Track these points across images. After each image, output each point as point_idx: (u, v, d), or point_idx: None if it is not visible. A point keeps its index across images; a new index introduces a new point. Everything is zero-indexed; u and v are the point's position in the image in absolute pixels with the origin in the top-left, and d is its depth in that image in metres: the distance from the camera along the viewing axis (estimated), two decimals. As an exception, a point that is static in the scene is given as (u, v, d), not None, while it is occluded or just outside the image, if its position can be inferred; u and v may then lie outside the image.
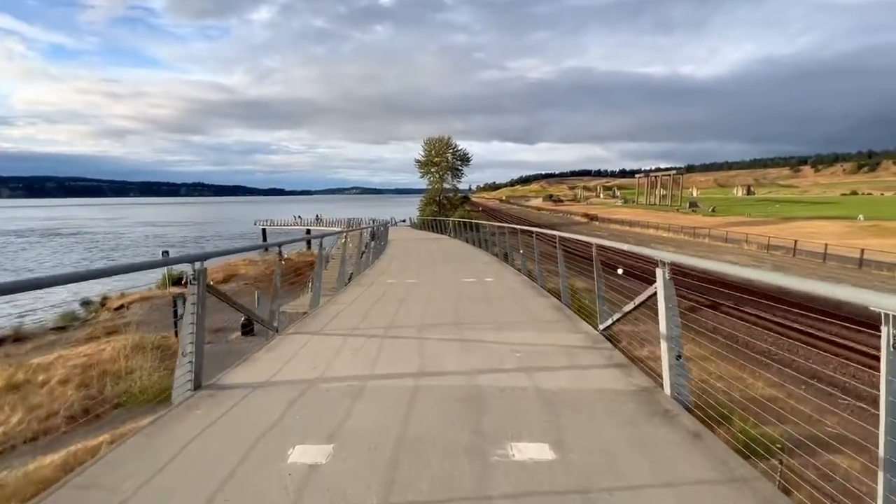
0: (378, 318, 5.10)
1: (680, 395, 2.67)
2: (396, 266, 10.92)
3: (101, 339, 12.65)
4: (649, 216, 52.23)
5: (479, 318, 4.94)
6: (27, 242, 62.35)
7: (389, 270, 9.98)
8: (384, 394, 2.81)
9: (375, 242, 16.35)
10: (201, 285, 2.97)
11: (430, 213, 45.99)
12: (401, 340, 4.08)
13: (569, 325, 4.60)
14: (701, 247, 30.67)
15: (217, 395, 2.83)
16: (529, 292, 6.69)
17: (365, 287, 7.45)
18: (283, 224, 55.11)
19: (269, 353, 3.72)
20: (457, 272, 9.25)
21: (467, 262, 11.44)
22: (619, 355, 3.53)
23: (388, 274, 9.32)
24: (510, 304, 5.79)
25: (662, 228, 40.55)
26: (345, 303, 6.03)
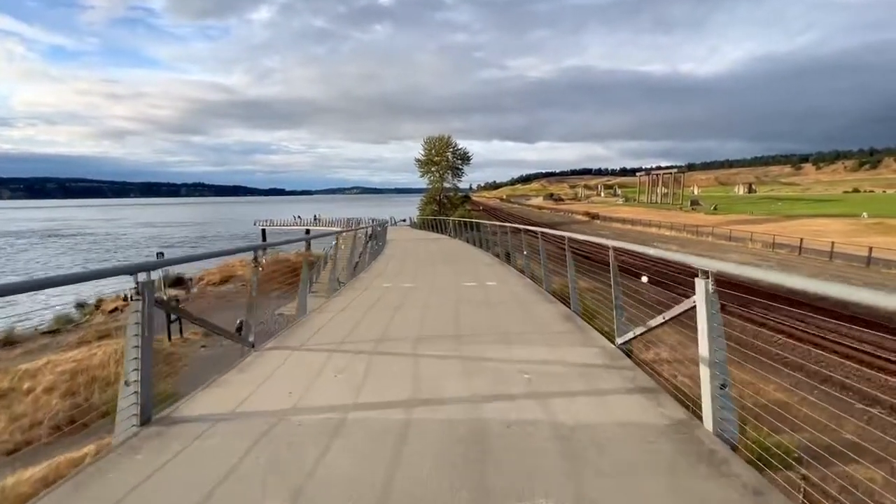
0: (369, 329, 4.65)
1: (725, 433, 2.21)
2: (393, 268, 10.47)
3: (92, 344, 12.27)
4: (651, 214, 51.73)
5: (481, 330, 4.49)
6: (28, 243, 62.05)
7: (386, 273, 9.53)
8: (368, 430, 2.34)
9: (373, 243, 15.90)
10: (147, 301, 2.45)
11: (431, 212, 45.51)
12: (392, 358, 3.61)
13: (581, 337, 4.13)
14: (704, 245, 30.16)
15: (167, 432, 2.35)
16: (535, 297, 6.23)
17: (359, 292, 7.00)
18: (282, 224, 54.82)
19: (241, 374, 3.25)
20: (457, 275, 8.80)
21: (468, 263, 10.98)
22: (643, 377, 3.05)
23: (384, 277, 8.87)
24: (515, 312, 5.33)
25: (665, 227, 40.03)
26: (334, 310, 5.56)
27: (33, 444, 9.32)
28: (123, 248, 55.64)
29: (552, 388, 2.87)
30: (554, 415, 2.48)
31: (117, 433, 2.38)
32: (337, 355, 3.64)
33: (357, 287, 7.58)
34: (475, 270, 9.39)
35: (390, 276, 9.06)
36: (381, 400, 2.73)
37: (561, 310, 5.35)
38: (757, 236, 29.74)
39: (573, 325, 4.58)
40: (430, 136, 51.81)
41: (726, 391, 2.21)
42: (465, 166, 52.27)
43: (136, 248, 54.05)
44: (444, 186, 51.58)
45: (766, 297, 12.73)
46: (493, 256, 12.03)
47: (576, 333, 4.26)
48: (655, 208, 67.80)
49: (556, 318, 4.93)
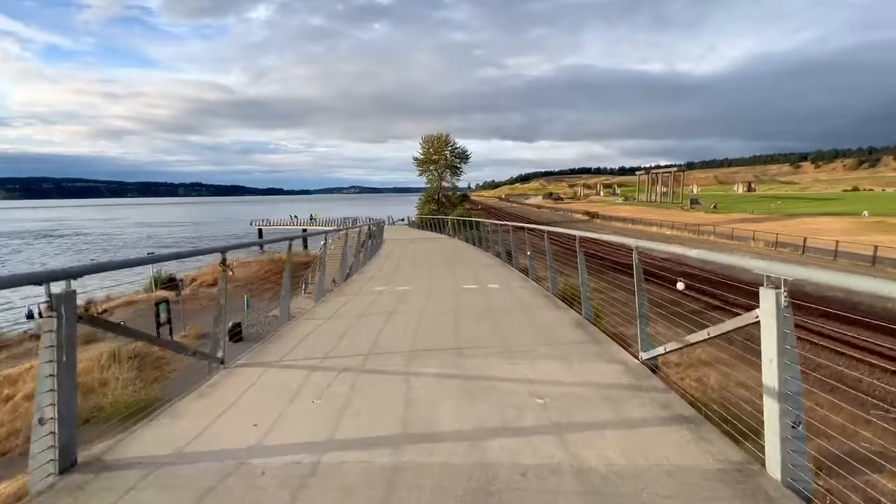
0: (357, 340, 4.12)
1: (797, 482, 1.75)
2: (389, 269, 9.98)
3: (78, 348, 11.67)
4: (651, 213, 51.36)
5: (484, 341, 3.98)
6: (24, 244, 61.45)
7: (381, 275, 9.03)
8: (345, 483, 1.84)
9: (371, 242, 15.38)
10: (66, 318, 1.92)
11: (429, 211, 45.03)
12: (381, 378, 3.09)
13: (598, 349, 3.64)
14: (706, 244, 29.74)
15: (92, 483, 1.84)
16: (541, 302, 5.73)
17: (349, 296, 6.49)
18: (279, 224, 54.33)
19: (201, 399, 2.73)
20: (456, 277, 8.30)
21: (467, 264, 10.45)
22: (679, 401, 2.56)
23: (378, 279, 8.38)
24: (521, 320, 4.80)
25: (666, 226, 39.64)
26: (322, 317, 5.08)
27: (8, 454, 8.86)
28: (116, 248, 55.11)
29: (573, 418, 2.38)
30: (579, 457, 1.99)
31: (31, 483, 1.90)
32: (317, 374, 3.14)
33: (349, 291, 7.08)
34: (475, 272, 8.89)
35: (385, 278, 8.55)
36: (365, 435, 2.24)
37: (571, 316, 4.86)
38: (759, 235, 29.33)
39: (587, 335, 4.09)
40: (428, 134, 51.40)
41: (800, 431, 1.74)
42: (464, 165, 51.92)
43: (130, 249, 53.55)
44: (442, 185, 51.13)
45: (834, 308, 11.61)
46: (494, 256, 11.50)
47: (592, 345, 3.77)
48: (655, 207, 67.50)
49: (568, 327, 4.43)
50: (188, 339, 12.51)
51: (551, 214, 69.66)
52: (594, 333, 4.17)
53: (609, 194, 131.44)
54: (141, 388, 8.81)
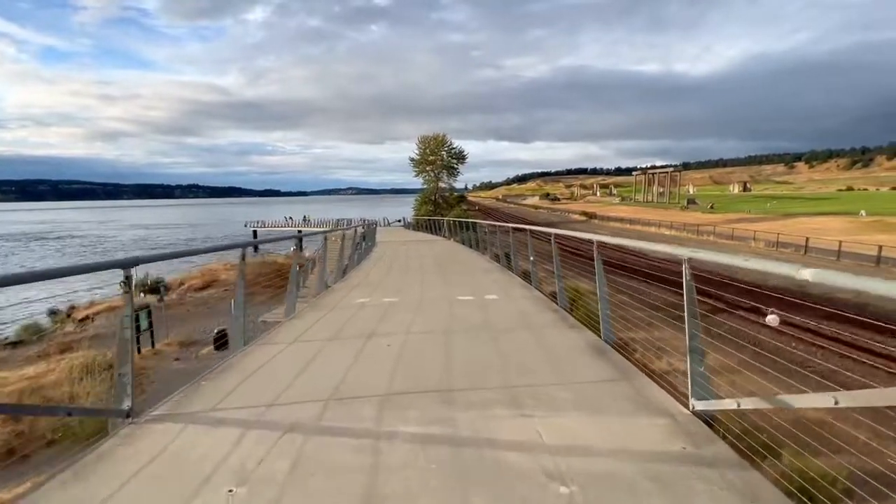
0: (319, 378, 3.22)
1: None
2: (377, 276, 9.19)
3: (52, 358, 11.18)
4: (648, 213, 51.14)
5: (481, 378, 3.14)
6: (15, 247, 60.65)
7: (366, 283, 8.24)
8: None
9: (364, 243, 14.88)
10: None
11: (426, 212, 44.56)
12: (340, 445, 2.25)
13: (630, 391, 2.85)
14: (707, 244, 29.45)
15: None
16: (549, 318, 4.90)
17: (325, 311, 5.62)
18: (273, 225, 53.87)
19: (65, 490, 1.90)
20: (450, 285, 7.55)
21: (463, 269, 9.68)
22: (768, 487, 1.79)
23: (363, 287, 7.60)
24: (527, 343, 3.98)
25: (664, 226, 39.34)
26: (283, 341, 4.22)
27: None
28: (111, 250, 54.43)
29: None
30: None
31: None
32: (252, 435, 2.31)
33: (326, 304, 6.17)
34: (472, 279, 8.09)
35: (371, 287, 7.71)
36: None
37: (587, 339, 4.05)
38: (759, 235, 29.04)
39: (614, 368, 3.27)
40: (424, 134, 51.02)
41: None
42: (461, 165, 51.53)
43: (123, 252, 52.83)
44: (439, 186, 50.71)
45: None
46: (492, 260, 10.69)
47: (622, 384, 2.97)
48: (652, 207, 67.35)
49: (586, 355, 3.59)
50: (172, 346, 12.01)
51: (549, 215, 69.32)
52: (621, 365, 3.34)
53: (606, 194, 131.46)
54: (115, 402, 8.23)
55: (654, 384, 2.96)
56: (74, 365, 9.82)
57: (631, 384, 2.99)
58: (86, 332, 13.46)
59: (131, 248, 53.36)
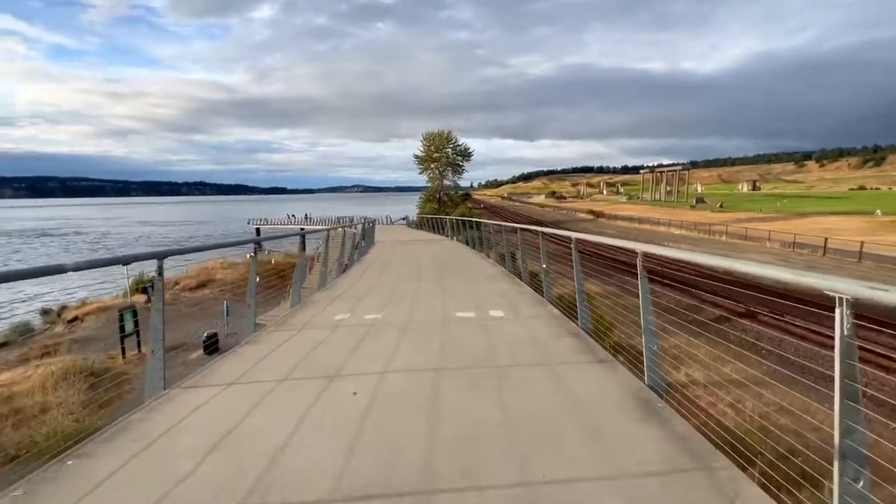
0: (240, 457, 2.23)
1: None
2: (367, 283, 8.26)
3: (31, 363, 10.61)
4: (656, 212, 50.15)
5: (482, 462, 2.13)
6: (20, 243, 60.79)
7: (352, 292, 7.25)
8: None
9: (361, 242, 14.19)
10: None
11: (430, 210, 43.89)
12: None
13: (710, 483, 1.93)
14: (719, 245, 28.57)
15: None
16: (571, 348, 3.86)
17: (292, 332, 4.66)
18: (276, 223, 53.42)
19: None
20: (448, 295, 6.57)
21: (465, 275, 8.74)
22: None
23: (346, 299, 6.54)
24: (546, 394, 2.94)
25: (674, 225, 38.39)
26: (219, 383, 3.23)
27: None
28: (114, 248, 54.28)
29: None
30: None
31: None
32: None
33: (296, 321, 5.16)
34: (474, 288, 7.12)
35: (355, 297, 6.70)
36: None
37: (627, 383, 3.04)
38: (774, 235, 28.06)
39: (676, 444, 2.24)
40: (429, 131, 50.28)
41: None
42: (466, 163, 50.80)
43: (127, 249, 52.67)
44: (443, 184, 50.03)
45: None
46: (497, 264, 9.88)
47: (700, 477, 1.98)
48: (660, 206, 66.23)
49: (630, 412, 2.61)
50: (160, 351, 11.41)
51: (555, 214, 68.43)
52: (685, 435, 2.33)
53: (612, 193, 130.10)
54: (91, 413, 7.62)
55: (743, 477, 1.95)
56: (53, 371, 9.22)
57: (711, 476, 1.96)
58: (73, 334, 12.94)
59: (134, 246, 53.20)
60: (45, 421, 7.40)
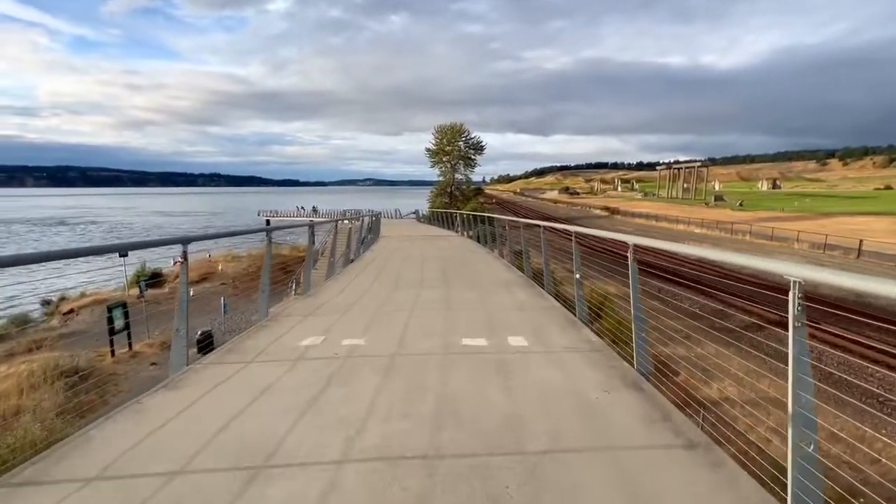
0: None
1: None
2: (358, 288, 6.95)
3: (17, 359, 10.08)
4: (673, 210, 48.61)
5: None
6: (44, 231, 61.73)
7: (339, 300, 6.03)
8: None
9: (364, 237, 13.43)
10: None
11: (441, 204, 43.03)
12: None
13: None
14: (743, 245, 27.24)
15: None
16: (637, 413, 2.64)
17: (237, 367, 3.41)
18: (286, 215, 53.31)
19: None
20: (452, 310, 5.29)
21: (476, 280, 7.39)
22: None
23: (325, 314, 5.24)
24: (608, 498, 1.86)
25: (694, 224, 36.95)
26: (82, 476, 2.01)
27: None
28: (124, 238, 54.67)
29: None
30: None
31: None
32: None
33: (246, 348, 3.95)
34: (486, 299, 5.84)
35: (339, 309, 5.40)
36: None
37: (721, 477, 2.01)
38: (804, 236, 26.59)
39: None
40: (441, 123, 49.27)
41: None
42: (479, 156, 49.71)
43: (136, 237, 53.03)
44: (455, 178, 49.05)
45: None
46: (513, 266, 8.64)
47: None
48: (676, 203, 64.46)
49: None
50: (152, 348, 10.82)
51: (568, 210, 67.05)
52: None
53: (627, 189, 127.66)
54: (67, 422, 6.92)
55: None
56: (34, 370, 8.65)
57: None
58: (66, 328, 12.46)
59: (141, 236, 53.50)
60: (15, 428, 6.78)
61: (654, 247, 3.52)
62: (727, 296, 14.46)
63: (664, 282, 16.02)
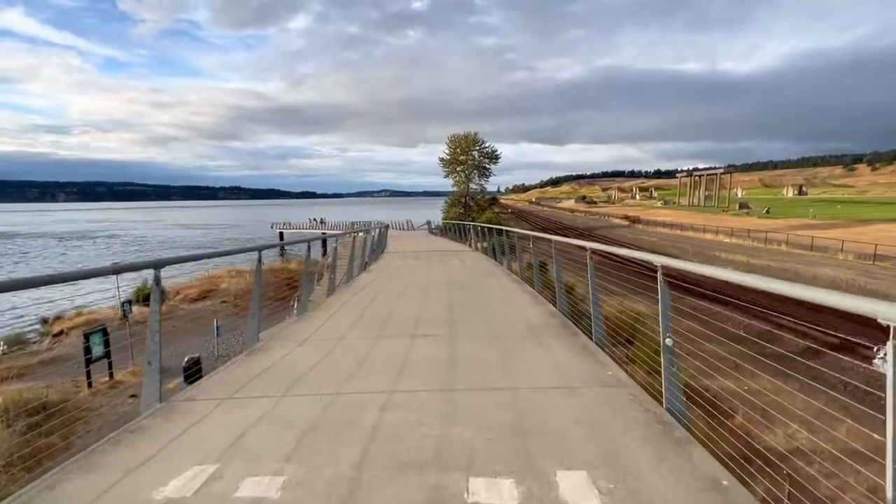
0: None
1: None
2: (326, 339, 4.88)
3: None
4: (696, 218, 46.52)
5: None
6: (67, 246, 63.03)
7: (280, 369, 3.95)
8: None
9: (369, 252, 12.33)
10: None
11: (455, 215, 41.95)
12: None
13: None
14: (781, 256, 25.29)
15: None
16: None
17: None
18: (299, 227, 53.07)
19: None
20: (456, 397, 3.22)
21: (493, 325, 5.30)
22: None
23: (254, 393, 3.37)
24: None
25: (723, 233, 34.96)
26: None
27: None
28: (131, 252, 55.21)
29: None
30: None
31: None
32: None
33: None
34: (510, 364, 3.86)
35: (274, 390, 3.42)
36: None
37: None
38: (848, 246, 24.50)
39: None
40: (455, 133, 48.45)
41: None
42: (493, 165, 48.64)
43: (149, 250, 53.44)
44: (470, 188, 48.02)
45: None
46: (541, 297, 6.78)
47: None
48: (698, 211, 62.07)
49: None
50: (136, 376, 9.86)
51: (586, 219, 65.26)
52: None
53: (645, 198, 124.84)
54: (7, 480, 5.76)
55: None
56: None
57: None
58: (52, 351, 11.65)
59: (156, 248, 54.03)
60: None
61: (698, 272, 2.69)
62: (766, 311, 12.85)
63: (696, 296, 14.55)
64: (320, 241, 34.05)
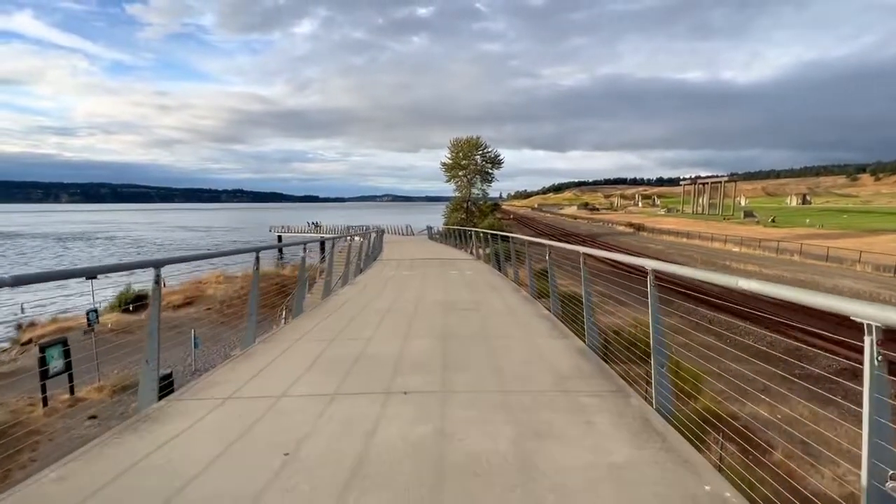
0: None
1: None
2: (269, 388, 3.36)
3: None
4: (700, 226, 45.58)
5: None
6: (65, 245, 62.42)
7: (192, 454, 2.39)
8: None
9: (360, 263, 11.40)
10: None
11: (457, 220, 41.05)
12: None
13: None
14: (792, 265, 24.30)
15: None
16: None
17: None
18: (297, 231, 52.30)
19: None
20: None
21: (501, 375, 3.58)
22: None
23: None
24: None
25: (731, 242, 33.96)
26: None
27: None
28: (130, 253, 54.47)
29: None
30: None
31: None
32: None
33: None
34: (538, 469, 2.13)
35: None
36: None
37: None
38: (866, 257, 23.50)
39: None
40: (457, 137, 47.67)
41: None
42: (496, 170, 47.80)
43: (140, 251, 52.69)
44: (471, 193, 47.17)
45: None
46: (558, 321, 5.51)
47: None
48: (702, 219, 61.15)
49: None
50: (101, 394, 8.85)
51: (590, 226, 64.33)
52: None
53: (648, 205, 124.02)
54: None
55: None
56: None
57: None
58: (14, 363, 10.74)
59: (154, 251, 53.30)
60: None
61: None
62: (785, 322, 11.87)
63: (711, 308, 13.61)
64: (318, 244, 33.12)
